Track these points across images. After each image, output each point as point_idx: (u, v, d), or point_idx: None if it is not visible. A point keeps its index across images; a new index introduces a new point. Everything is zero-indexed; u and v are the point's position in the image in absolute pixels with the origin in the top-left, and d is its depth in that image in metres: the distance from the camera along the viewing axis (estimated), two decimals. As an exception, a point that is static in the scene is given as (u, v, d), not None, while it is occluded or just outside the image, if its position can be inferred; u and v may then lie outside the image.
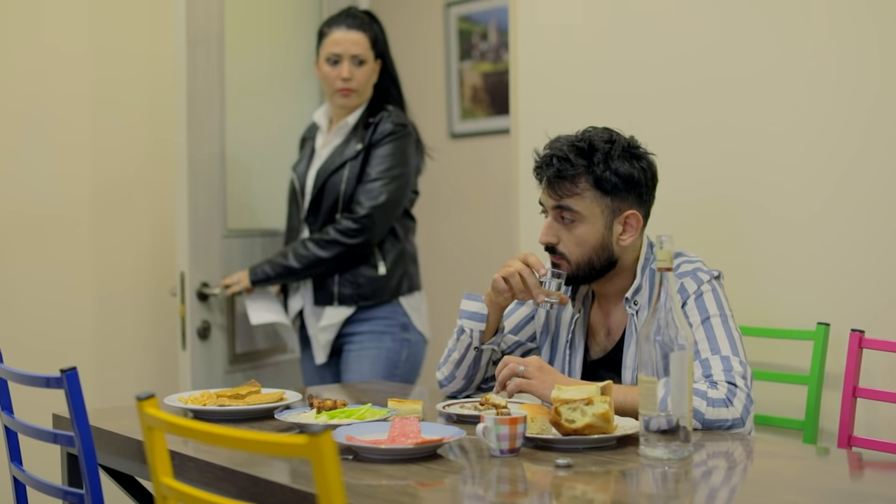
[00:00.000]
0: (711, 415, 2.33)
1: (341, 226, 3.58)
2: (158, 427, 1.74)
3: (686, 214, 3.04)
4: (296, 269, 3.62)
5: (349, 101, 3.68)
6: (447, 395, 2.85)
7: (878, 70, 2.82)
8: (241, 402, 2.60)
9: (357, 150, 3.63)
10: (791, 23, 2.97)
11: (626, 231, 2.59)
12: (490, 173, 4.99)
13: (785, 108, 2.98)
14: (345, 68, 3.64)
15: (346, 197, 3.62)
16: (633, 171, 2.57)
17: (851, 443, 2.71)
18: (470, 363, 2.77)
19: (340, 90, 3.66)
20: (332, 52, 3.65)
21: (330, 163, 3.66)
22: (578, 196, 2.57)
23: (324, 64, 3.67)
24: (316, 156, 3.76)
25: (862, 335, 2.73)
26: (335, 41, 3.66)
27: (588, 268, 2.60)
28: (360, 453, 2.15)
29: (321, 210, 3.65)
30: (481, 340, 2.74)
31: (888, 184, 2.79)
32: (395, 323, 3.67)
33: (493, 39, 5.03)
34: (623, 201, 2.58)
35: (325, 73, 3.68)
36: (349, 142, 3.67)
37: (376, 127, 3.64)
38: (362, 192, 3.59)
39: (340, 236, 3.58)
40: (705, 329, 2.48)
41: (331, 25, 3.69)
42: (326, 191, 3.64)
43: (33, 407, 2.97)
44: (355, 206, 3.59)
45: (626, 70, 3.33)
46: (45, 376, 2.33)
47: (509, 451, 2.15)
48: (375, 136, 3.63)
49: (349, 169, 3.63)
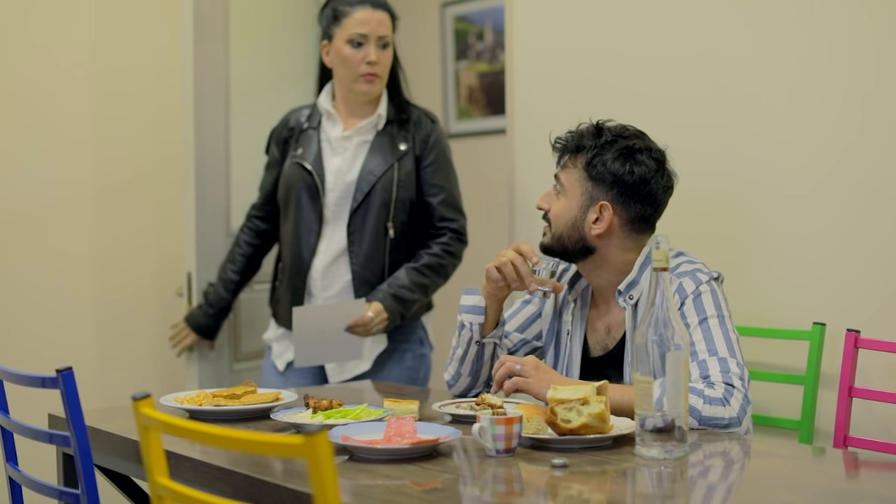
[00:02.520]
0: (708, 412, 2.34)
1: (450, 247, 3.40)
2: (154, 427, 1.73)
3: (682, 214, 3.04)
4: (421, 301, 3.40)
5: (374, 88, 3.40)
6: (455, 395, 2.85)
7: (871, 63, 2.82)
8: (237, 402, 2.60)
9: (403, 150, 3.40)
10: (781, 19, 2.98)
11: (599, 221, 2.61)
12: (486, 173, 4.99)
13: (785, 109, 2.98)
14: (371, 50, 3.36)
15: (397, 201, 3.37)
16: (622, 170, 2.60)
17: (847, 443, 2.71)
18: (473, 358, 2.78)
19: (366, 75, 3.37)
20: (357, 32, 3.35)
21: (376, 162, 3.38)
22: (570, 170, 2.65)
23: (344, 46, 3.36)
24: (332, 148, 3.45)
25: (858, 335, 2.73)
26: (361, 21, 3.36)
27: (559, 243, 2.65)
28: (356, 453, 2.15)
29: (369, 212, 3.37)
30: (482, 334, 2.75)
31: (883, 184, 2.80)
32: (415, 338, 3.50)
33: (489, 39, 5.03)
34: (602, 192, 2.61)
35: (346, 56, 3.36)
36: (390, 139, 3.41)
37: (419, 126, 3.43)
38: (443, 205, 3.40)
39: (452, 258, 3.41)
40: (703, 330, 2.48)
41: (352, 4, 3.38)
42: (375, 192, 3.36)
43: (29, 407, 2.96)
44: (446, 222, 3.40)
45: (622, 69, 3.33)
46: (40, 376, 2.33)
47: (505, 451, 2.15)
48: (431, 141, 3.42)
49: (399, 170, 3.38)
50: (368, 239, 3.37)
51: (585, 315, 2.74)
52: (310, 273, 3.42)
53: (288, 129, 3.54)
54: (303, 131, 3.50)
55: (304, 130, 3.49)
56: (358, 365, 3.40)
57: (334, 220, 3.41)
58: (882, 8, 2.80)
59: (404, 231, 3.41)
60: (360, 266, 3.37)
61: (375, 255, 3.38)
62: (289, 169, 3.47)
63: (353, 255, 3.38)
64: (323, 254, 3.41)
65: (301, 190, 3.42)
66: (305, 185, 3.41)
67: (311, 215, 3.41)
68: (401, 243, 3.41)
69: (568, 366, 2.73)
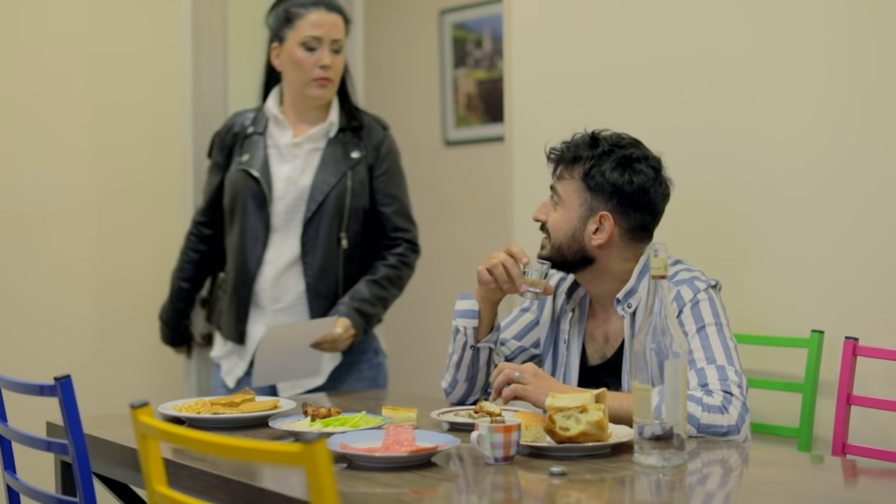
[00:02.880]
0: (706, 420, 2.34)
1: (406, 259, 3.37)
2: (152, 435, 1.73)
3: (680, 220, 3.04)
4: (380, 314, 3.36)
5: (326, 93, 3.32)
6: (453, 403, 2.85)
7: (871, 64, 2.82)
8: (235, 410, 2.60)
9: (356, 158, 3.34)
10: (782, 18, 2.98)
11: (599, 232, 2.61)
12: (484, 181, 4.99)
13: (784, 112, 2.98)
14: (325, 54, 3.28)
15: (351, 210, 3.31)
16: (621, 179, 2.60)
17: (846, 450, 2.71)
18: (468, 363, 2.77)
19: (318, 79, 3.29)
20: (310, 35, 3.27)
21: (329, 170, 3.31)
22: (567, 181, 2.65)
23: (297, 49, 3.28)
24: (281, 155, 3.35)
25: (856, 343, 2.73)
26: (315, 23, 3.28)
27: (559, 255, 2.65)
28: (355, 461, 2.15)
29: (323, 222, 3.29)
30: (476, 338, 2.75)
31: (882, 188, 2.80)
32: (370, 349, 3.42)
33: (487, 47, 5.04)
34: (602, 203, 2.61)
35: (298, 59, 3.28)
36: (342, 147, 3.35)
37: (371, 134, 3.38)
38: (397, 215, 3.36)
39: (408, 269, 3.38)
40: (701, 338, 2.48)
41: (306, 6, 3.30)
42: (329, 201, 3.29)
43: (27, 415, 2.96)
44: (400, 232, 3.36)
45: (621, 77, 3.34)
46: (38, 384, 2.33)
47: (503, 459, 2.15)
48: (383, 150, 3.38)
49: (352, 179, 3.32)
50: (322, 249, 3.29)
51: (583, 324, 2.74)
52: (257, 283, 3.32)
53: (232, 134, 3.43)
54: (247, 136, 3.39)
55: (249, 136, 3.39)
56: (312, 380, 3.31)
57: (284, 228, 3.32)
58: (883, 7, 2.79)
59: (357, 241, 3.35)
60: (314, 278, 3.29)
61: (329, 266, 3.30)
62: (234, 175, 3.37)
63: (307, 267, 3.29)
64: (272, 263, 3.31)
65: (247, 197, 3.32)
66: (252, 193, 3.31)
67: (258, 223, 3.31)
68: (354, 253, 3.34)
69: (566, 374, 2.73)
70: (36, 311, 3.95)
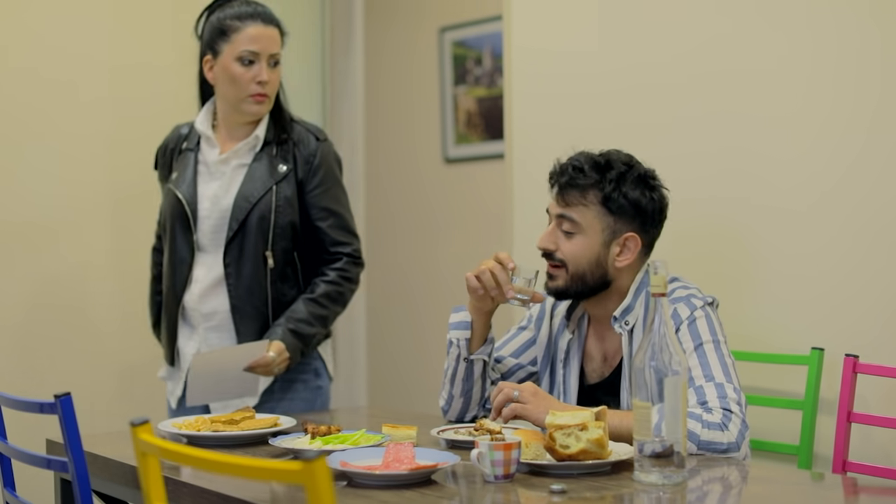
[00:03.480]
0: (706, 437, 2.33)
1: (347, 273, 3.18)
2: (152, 453, 1.73)
3: (677, 239, 3.04)
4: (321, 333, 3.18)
5: (262, 109, 3.15)
6: (450, 421, 2.84)
7: (877, 82, 2.83)
8: (236, 428, 2.60)
9: (283, 171, 3.14)
10: (790, 27, 2.99)
11: (624, 253, 2.61)
12: (484, 198, 5.00)
13: (784, 130, 2.99)
14: (263, 69, 3.11)
15: (276, 227, 3.12)
16: (643, 198, 2.60)
17: (846, 468, 2.71)
18: (463, 377, 2.76)
19: (255, 95, 3.11)
20: (247, 49, 3.09)
21: (253, 186, 3.12)
22: (584, 207, 2.60)
23: (233, 63, 3.10)
24: (210, 172, 3.19)
25: (856, 360, 2.73)
26: (252, 37, 3.10)
27: (581, 282, 2.62)
28: (355, 479, 2.15)
29: (246, 241, 3.11)
30: (469, 350, 2.74)
31: (883, 206, 2.80)
32: (310, 370, 3.22)
33: (487, 64, 5.05)
34: (626, 224, 2.60)
35: (235, 75, 3.10)
36: (269, 161, 3.15)
37: (301, 145, 3.18)
38: (334, 229, 3.18)
39: (350, 284, 3.19)
40: (698, 355, 2.48)
41: (242, 18, 3.12)
42: (251, 219, 3.10)
43: (28, 432, 2.96)
44: (339, 246, 3.18)
45: (620, 96, 3.34)
46: (38, 402, 2.33)
47: (504, 477, 2.15)
48: (315, 161, 3.17)
49: (276, 194, 3.12)
50: (247, 270, 3.11)
51: (581, 343, 2.74)
52: (185, 303, 3.17)
53: (169, 150, 3.29)
54: (181, 152, 3.25)
55: (183, 151, 3.24)
56: (242, 400, 3.12)
57: (210, 248, 3.15)
58: (891, 24, 2.80)
59: (287, 259, 3.17)
60: (239, 299, 3.11)
61: (254, 287, 3.11)
62: (165, 196, 3.24)
63: (231, 288, 3.11)
64: (199, 282, 3.15)
65: (175, 218, 3.17)
66: (178, 214, 3.16)
67: (183, 245, 3.15)
68: (285, 271, 3.15)
69: (564, 393, 2.72)
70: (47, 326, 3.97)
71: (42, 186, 4.03)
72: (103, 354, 4.13)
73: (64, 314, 4.05)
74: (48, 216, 4.03)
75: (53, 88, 4.06)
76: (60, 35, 4.07)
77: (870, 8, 2.83)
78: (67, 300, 4.07)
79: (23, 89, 4.00)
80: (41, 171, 4.03)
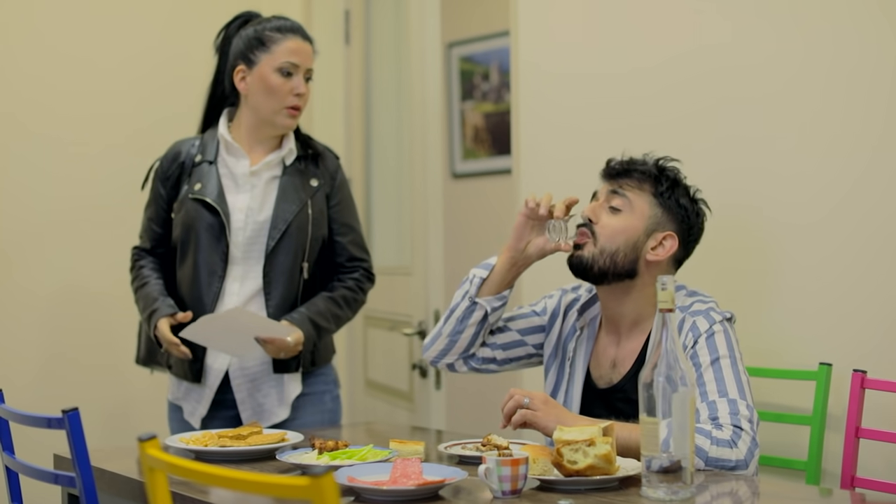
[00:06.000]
0: (715, 453, 2.33)
1: (362, 285, 3.26)
2: (160, 468, 1.73)
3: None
4: (332, 332, 3.24)
5: (293, 123, 3.20)
6: (425, 356, 2.88)
7: (883, 98, 2.83)
8: (243, 443, 2.60)
9: (315, 186, 3.21)
10: (799, 41, 2.99)
11: (658, 249, 2.64)
12: (491, 213, 5.00)
13: (794, 144, 2.99)
14: (301, 82, 3.16)
15: (312, 240, 3.18)
16: (690, 208, 2.68)
17: (854, 484, 2.70)
18: (459, 316, 2.79)
19: (291, 108, 3.16)
20: (289, 61, 3.13)
21: (290, 200, 3.17)
22: (639, 191, 2.66)
23: (272, 74, 3.13)
24: (237, 185, 3.19)
25: (864, 375, 2.72)
26: (293, 50, 3.15)
27: (610, 260, 2.63)
28: (362, 494, 2.15)
29: (286, 253, 3.15)
30: (478, 291, 2.77)
31: (889, 221, 2.79)
32: (331, 380, 3.30)
33: (494, 80, 5.06)
34: (669, 223, 2.65)
35: (273, 85, 3.13)
36: (299, 175, 3.21)
37: (324, 162, 3.26)
38: (354, 245, 3.26)
39: (363, 295, 3.27)
40: (714, 370, 2.47)
41: (283, 31, 3.17)
42: (290, 232, 3.15)
43: (35, 447, 2.96)
44: (357, 262, 3.25)
45: (629, 110, 3.35)
46: (46, 417, 2.33)
47: (511, 493, 2.14)
48: (338, 179, 3.27)
49: (312, 208, 3.19)
50: (284, 280, 3.15)
51: (591, 346, 2.73)
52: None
53: (178, 164, 3.24)
54: (196, 165, 3.22)
55: (198, 164, 3.21)
56: (276, 413, 3.16)
57: (244, 260, 3.16)
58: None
59: (315, 270, 3.23)
60: (276, 308, 3.14)
61: (289, 297, 3.16)
62: (187, 206, 3.18)
63: (269, 298, 3.14)
64: (235, 295, 3.14)
65: (202, 229, 3.15)
66: (207, 225, 3.14)
67: (214, 256, 3.14)
68: (313, 283, 3.22)
69: (567, 393, 2.72)
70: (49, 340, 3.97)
71: (60, 188, 4.13)
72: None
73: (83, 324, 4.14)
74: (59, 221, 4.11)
75: (68, 89, 4.17)
76: (72, 37, 4.19)
77: (876, 26, 2.83)
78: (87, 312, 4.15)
79: (31, 90, 4.11)
80: (59, 173, 4.13)
